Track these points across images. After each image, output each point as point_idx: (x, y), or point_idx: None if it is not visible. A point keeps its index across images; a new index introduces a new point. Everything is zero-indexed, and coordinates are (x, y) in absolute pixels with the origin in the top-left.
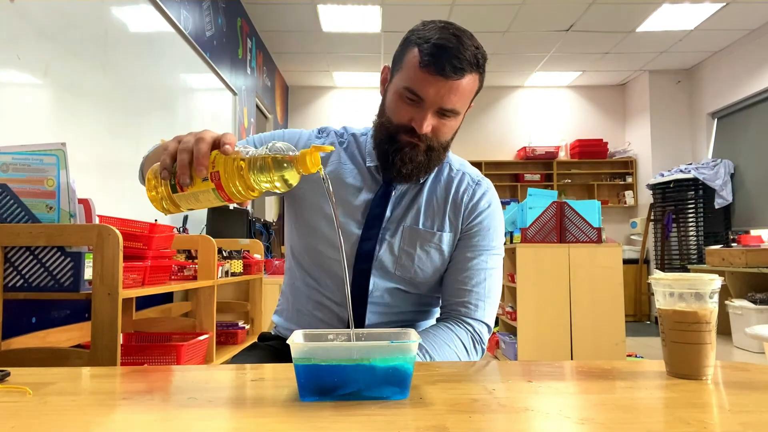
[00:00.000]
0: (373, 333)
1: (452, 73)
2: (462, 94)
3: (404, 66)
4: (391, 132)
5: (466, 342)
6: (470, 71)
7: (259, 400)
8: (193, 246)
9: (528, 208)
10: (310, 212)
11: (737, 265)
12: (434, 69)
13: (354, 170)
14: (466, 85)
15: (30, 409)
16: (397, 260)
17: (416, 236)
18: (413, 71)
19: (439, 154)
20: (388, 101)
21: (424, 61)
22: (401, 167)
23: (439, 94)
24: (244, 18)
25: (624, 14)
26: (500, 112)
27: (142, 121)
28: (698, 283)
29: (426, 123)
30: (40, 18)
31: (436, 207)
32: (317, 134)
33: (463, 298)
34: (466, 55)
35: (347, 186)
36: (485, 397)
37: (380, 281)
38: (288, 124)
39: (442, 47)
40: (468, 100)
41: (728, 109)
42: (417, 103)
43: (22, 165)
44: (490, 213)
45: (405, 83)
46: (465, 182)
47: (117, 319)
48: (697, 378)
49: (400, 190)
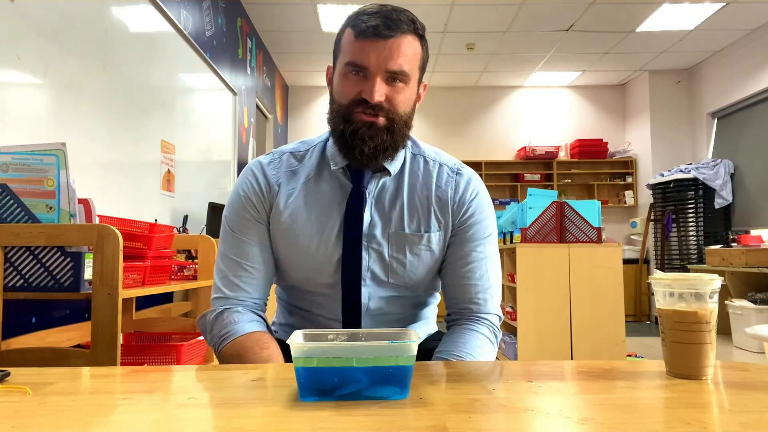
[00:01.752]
0: (373, 333)
1: (388, 31)
2: (405, 55)
3: (342, 49)
4: (344, 114)
5: (491, 338)
6: (408, 32)
7: (259, 400)
8: (193, 246)
9: (528, 208)
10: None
11: (737, 265)
12: (370, 33)
13: (322, 182)
14: (407, 44)
15: (30, 409)
16: (388, 268)
17: (404, 241)
18: (351, 45)
19: (401, 130)
20: (335, 87)
21: (358, 31)
22: (362, 146)
23: (381, 56)
24: (244, 18)
25: (624, 14)
26: (500, 112)
27: (142, 121)
28: (698, 283)
29: (376, 89)
30: (40, 18)
31: (419, 206)
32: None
33: (471, 294)
34: (400, 17)
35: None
36: (485, 397)
37: (375, 291)
38: (288, 124)
39: (372, 14)
40: (414, 64)
41: (728, 109)
42: (363, 75)
43: (22, 165)
44: (478, 202)
45: (346, 59)
46: (445, 174)
47: (117, 319)
48: (697, 378)
49: (375, 190)
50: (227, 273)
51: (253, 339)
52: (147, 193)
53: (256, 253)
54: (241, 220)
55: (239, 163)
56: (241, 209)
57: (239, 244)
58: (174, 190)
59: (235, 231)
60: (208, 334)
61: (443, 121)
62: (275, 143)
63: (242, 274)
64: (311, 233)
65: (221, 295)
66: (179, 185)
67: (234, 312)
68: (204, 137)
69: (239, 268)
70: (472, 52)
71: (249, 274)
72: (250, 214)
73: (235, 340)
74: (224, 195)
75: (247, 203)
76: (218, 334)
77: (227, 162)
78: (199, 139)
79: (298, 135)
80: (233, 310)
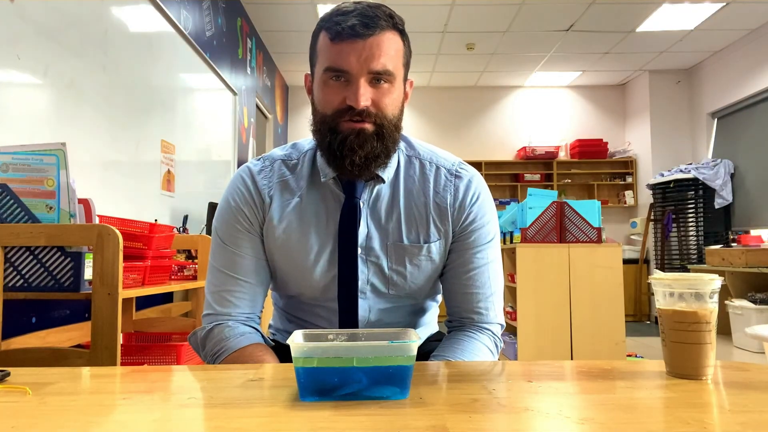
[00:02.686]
0: (373, 333)
1: (366, 30)
2: (387, 52)
3: (319, 54)
4: (330, 124)
5: (491, 347)
6: (387, 28)
7: (259, 400)
8: (193, 246)
9: (528, 208)
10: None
11: (737, 265)
12: (347, 33)
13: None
14: (387, 41)
15: (30, 409)
16: (389, 281)
17: (403, 252)
18: (328, 50)
19: (391, 134)
20: (316, 96)
21: (334, 34)
22: (352, 157)
23: (362, 58)
24: (244, 18)
25: (624, 14)
26: (500, 112)
27: (142, 121)
28: (698, 283)
29: (361, 93)
30: (40, 18)
31: (417, 215)
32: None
33: (473, 303)
34: (377, 13)
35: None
36: (485, 397)
37: (375, 303)
38: (288, 124)
39: (345, 13)
40: (398, 62)
41: (728, 109)
42: (345, 80)
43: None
44: (480, 206)
45: (324, 65)
46: (443, 178)
47: (117, 319)
48: (697, 378)
49: (369, 200)
50: (218, 288)
51: (246, 354)
52: (147, 193)
53: (249, 266)
54: (232, 232)
55: (239, 163)
56: (233, 220)
57: (231, 257)
58: (174, 190)
59: (227, 243)
60: (201, 352)
61: (443, 121)
62: (275, 143)
63: (234, 289)
64: (307, 249)
65: (212, 312)
66: (179, 185)
67: (225, 327)
68: (204, 137)
69: (231, 282)
70: (472, 52)
71: (241, 288)
72: (242, 225)
73: (229, 356)
74: None
75: (238, 214)
76: (210, 351)
77: (227, 162)
78: (199, 139)
79: (298, 135)
80: (224, 325)
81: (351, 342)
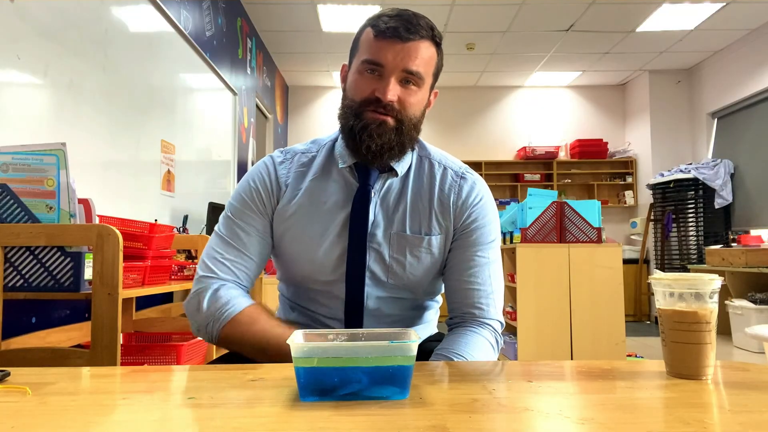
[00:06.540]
0: (373, 333)
1: (407, 34)
2: (422, 58)
3: (360, 47)
4: (356, 110)
5: (492, 341)
6: (426, 37)
7: (259, 400)
8: (193, 246)
9: (528, 208)
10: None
11: (737, 265)
12: (390, 33)
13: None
14: (424, 49)
15: (30, 409)
16: (388, 269)
17: (404, 242)
18: (369, 44)
19: (410, 132)
20: (349, 84)
21: (378, 30)
22: (369, 143)
23: (398, 57)
24: (244, 18)
25: (624, 14)
26: (500, 112)
27: (142, 121)
28: (698, 283)
29: (390, 89)
30: (40, 18)
31: (421, 208)
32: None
33: (473, 299)
34: (420, 23)
35: (324, 202)
36: (485, 397)
37: (373, 291)
38: (288, 124)
39: (394, 16)
40: (429, 69)
41: (728, 109)
42: (378, 73)
43: (22, 165)
44: (482, 207)
45: (363, 57)
46: (448, 178)
47: (117, 319)
48: (697, 378)
49: (381, 190)
50: (221, 256)
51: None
52: (147, 193)
53: (253, 243)
54: (245, 209)
55: (239, 163)
56: (248, 198)
57: (238, 231)
58: (174, 190)
59: (236, 218)
60: (200, 313)
61: (443, 121)
62: (275, 143)
63: (236, 260)
64: (315, 230)
65: (211, 275)
66: (179, 185)
67: (231, 288)
68: (204, 137)
69: (234, 252)
70: (472, 52)
71: (242, 261)
72: (256, 205)
73: (243, 311)
74: (224, 195)
75: (255, 194)
76: (217, 308)
77: (227, 162)
78: (199, 139)
79: (298, 135)
80: (229, 287)
81: (351, 342)
